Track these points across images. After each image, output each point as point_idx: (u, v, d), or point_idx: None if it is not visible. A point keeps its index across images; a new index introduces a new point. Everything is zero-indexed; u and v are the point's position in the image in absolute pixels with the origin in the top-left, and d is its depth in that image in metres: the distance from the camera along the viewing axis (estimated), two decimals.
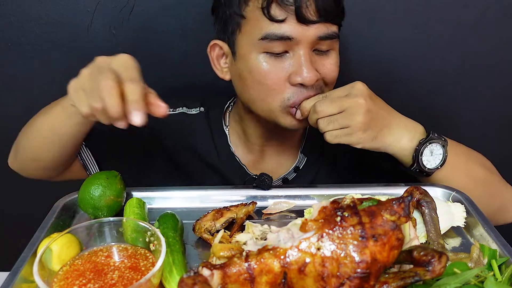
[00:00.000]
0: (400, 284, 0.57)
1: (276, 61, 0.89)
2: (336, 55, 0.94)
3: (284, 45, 0.87)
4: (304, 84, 0.89)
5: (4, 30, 1.24)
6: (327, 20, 0.87)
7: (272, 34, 0.86)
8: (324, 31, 0.88)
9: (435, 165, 0.92)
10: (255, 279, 0.57)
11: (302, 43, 0.87)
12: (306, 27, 0.86)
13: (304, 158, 1.10)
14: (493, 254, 0.72)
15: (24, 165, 1.01)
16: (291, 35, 0.86)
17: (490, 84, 1.37)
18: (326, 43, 0.90)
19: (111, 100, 0.67)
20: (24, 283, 0.67)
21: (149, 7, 1.24)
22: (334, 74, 0.94)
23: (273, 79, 0.89)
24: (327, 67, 0.92)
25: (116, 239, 0.72)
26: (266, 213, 0.89)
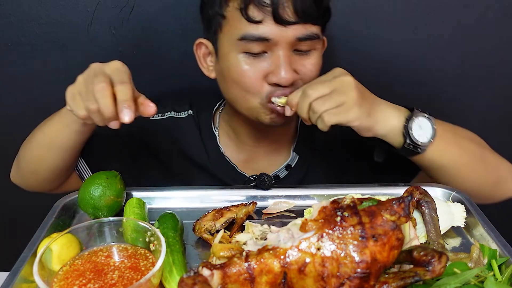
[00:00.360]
0: (400, 284, 0.57)
1: (254, 61, 0.90)
2: (317, 55, 0.94)
3: (262, 45, 0.88)
4: (280, 84, 0.89)
5: (4, 30, 1.24)
6: (306, 21, 0.87)
7: (250, 35, 0.87)
8: (302, 32, 0.88)
9: (426, 138, 0.89)
10: (255, 279, 0.57)
11: (280, 44, 0.88)
12: (283, 28, 0.86)
13: (296, 156, 1.11)
14: (493, 254, 0.72)
15: (24, 178, 1.03)
16: (268, 36, 0.87)
17: (490, 84, 1.37)
18: (306, 44, 0.90)
19: (104, 100, 0.72)
20: (24, 283, 0.67)
21: (149, 7, 1.24)
22: (313, 75, 0.93)
23: (250, 79, 0.90)
24: (307, 68, 0.92)
25: (116, 239, 0.72)
26: (266, 213, 0.89)
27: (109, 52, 1.27)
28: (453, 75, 1.35)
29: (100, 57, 1.27)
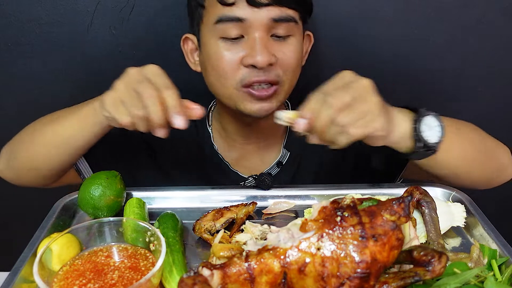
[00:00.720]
0: (400, 284, 0.57)
1: (232, 45, 0.91)
2: (296, 42, 0.94)
3: (238, 27, 0.89)
4: (256, 65, 0.89)
5: (4, 30, 1.24)
6: (280, 3, 0.88)
7: (224, 16, 0.89)
8: (277, 13, 0.89)
9: (438, 137, 0.82)
10: (255, 279, 0.57)
11: (256, 25, 0.89)
12: (257, 9, 0.87)
13: (287, 153, 1.11)
14: (493, 254, 0.72)
15: (19, 174, 0.99)
16: (242, 16, 0.88)
17: (490, 84, 1.37)
18: (282, 27, 0.90)
19: (154, 107, 0.72)
20: (24, 283, 0.67)
21: (149, 7, 1.24)
22: (291, 61, 0.93)
23: (227, 62, 0.91)
24: (285, 54, 0.92)
25: (116, 239, 0.72)
26: (266, 213, 0.89)
27: (109, 52, 1.27)
28: (453, 75, 1.35)
29: (100, 57, 1.28)
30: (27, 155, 0.95)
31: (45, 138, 0.92)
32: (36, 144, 0.93)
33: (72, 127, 0.89)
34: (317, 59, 1.04)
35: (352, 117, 0.71)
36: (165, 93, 0.73)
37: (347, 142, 0.73)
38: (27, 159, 0.95)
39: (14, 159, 0.97)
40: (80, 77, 1.30)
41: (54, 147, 0.91)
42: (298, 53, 0.95)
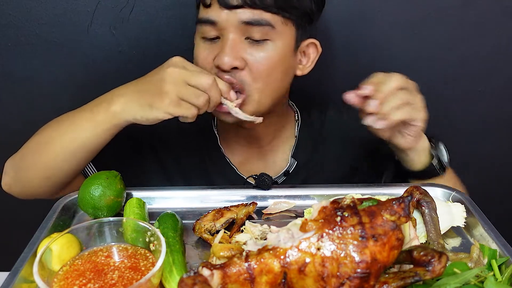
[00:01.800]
0: (400, 284, 0.57)
1: (209, 45, 0.93)
2: (272, 48, 0.90)
3: (213, 29, 0.90)
4: (221, 67, 0.89)
5: (4, 30, 1.24)
6: (253, 6, 0.86)
7: (201, 18, 0.91)
8: (249, 16, 0.87)
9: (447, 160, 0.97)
10: (255, 279, 0.57)
11: (227, 27, 0.88)
12: (228, 11, 0.87)
13: (294, 163, 1.10)
14: (493, 254, 0.72)
15: (29, 185, 0.96)
16: (214, 19, 0.89)
17: (490, 84, 1.37)
18: (257, 31, 0.88)
19: (217, 93, 0.84)
20: (24, 283, 0.67)
21: (149, 7, 1.24)
22: (262, 67, 0.90)
23: (202, 61, 0.93)
24: (256, 58, 0.89)
25: (116, 239, 0.72)
26: (266, 213, 0.89)
27: (109, 52, 1.27)
28: (453, 75, 1.35)
29: (100, 57, 1.28)
30: (41, 165, 0.92)
31: (59, 147, 0.90)
32: (50, 152, 0.91)
33: (86, 133, 0.88)
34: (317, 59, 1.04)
35: (409, 98, 0.83)
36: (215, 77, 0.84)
37: (399, 119, 0.83)
38: (40, 169, 0.93)
39: (26, 170, 0.95)
40: (80, 77, 1.30)
41: (70, 154, 0.90)
42: (273, 60, 0.91)
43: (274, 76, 0.92)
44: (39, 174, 0.93)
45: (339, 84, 1.36)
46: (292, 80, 1.01)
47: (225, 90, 0.85)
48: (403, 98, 0.83)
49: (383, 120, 0.82)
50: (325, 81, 1.32)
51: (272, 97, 0.95)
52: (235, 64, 0.88)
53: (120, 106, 0.85)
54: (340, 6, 1.24)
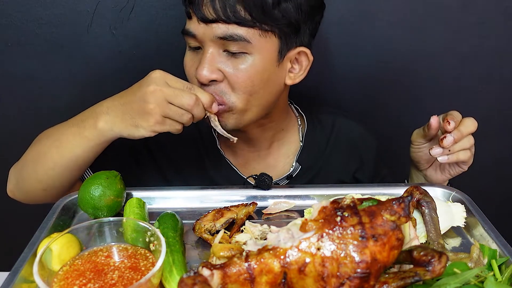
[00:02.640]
0: (400, 284, 0.57)
1: (194, 55, 0.94)
2: (250, 61, 0.89)
3: (194, 41, 0.92)
4: (198, 80, 0.90)
5: (4, 30, 1.24)
6: (228, 21, 0.85)
7: (184, 30, 0.93)
8: (223, 31, 0.86)
9: None
10: (255, 279, 0.57)
11: (204, 40, 0.89)
12: (205, 25, 0.88)
13: (298, 167, 1.11)
14: (493, 254, 0.72)
15: (29, 195, 0.99)
16: (193, 31, 0.90)
17: (490, 84, 1.37)
18: (233, 45, 0.87)
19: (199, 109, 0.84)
20: (24, 283, 0.67)
21: (149, 7, 1.24)
22: (239, 80, 0.89)
23: (188, 70, 0.96)
24: (232, 70, 0.89)
25: (116, 239, 0.72)
26: (266, 213, 0.89)
27: (109, 52, 1.27)
28: (453, 75, 1.35)
29: (100, 57, 1.28)
30: (35, 178, 0.94)
31: (51, 161, 0.91)
32: (44, 167, 0.92)
33: (77, 149, 0.89)
34: (317, 59, 1.04)
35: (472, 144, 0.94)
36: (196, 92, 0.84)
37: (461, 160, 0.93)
38: (35, 181, 0.94)
39: (22, 181, 0.97)
40: (80, 77, 1.30)
41: (63, 168, 0.92)
42: (251, 72, 0.89)
43: (255, 88, 0.91)
44: (36, 186, 0.95)
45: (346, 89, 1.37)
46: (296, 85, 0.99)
47: (207, 103, 0.85)
48: (470, 143, 0.93)
49: (448, 156, 0.92)
50: (324, 78, 1.32)
51: (257, 108, 0.94)
52: (212, 77, 0.89)
53: (106, 124, 0.86)
54: (340, 5, 1.24)
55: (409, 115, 1.38)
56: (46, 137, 0.95)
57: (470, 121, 0.93)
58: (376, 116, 1.39)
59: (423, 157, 1.01)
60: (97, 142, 0.88)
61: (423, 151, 1.00)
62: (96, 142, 0.88)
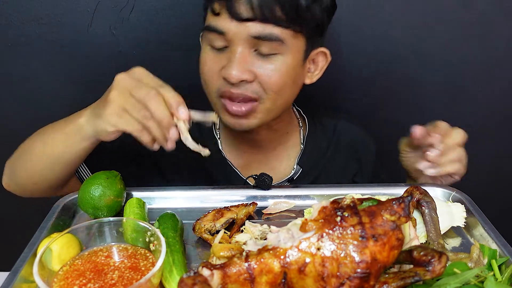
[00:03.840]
0: (400, 284, 0.57)
1: (216, 54, 0.91)
2: (281, 62, 0.89)
3: (221, 39, 0.88)
4: (228, 80, 0.88)
5: (4, 30, 1.24)
6: (264, 19, 0.84)
7: (209, 26, 0.89)
8: (258, 30, 0.85)
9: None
10: (255, 279, 0.57)
11: (236, 39, 0.86)
12: (238, 23, 0.85)
13: (299, 170, 1.10)
14: (493, 254, 0.72)
15: (23, 188, 0.98)
16: (223, 29, 0.87)
17: (490, 84, 1.37)
18: (266, 45, 0.87)
19: (159, 106, 0.73)
20: (24, 283, 0.67)
21: (149, 7, 1.24)
22: (273, 80, 0.89)
23: (208, 69, 0.92)
24: (265, 72, 0.88)
25: (116, 239, 0.72)
26: (266, 213, 0.89)
27: (109, 52, 1.27)
28: (453, 75, 1.35)
29: (100, 57, 1.28)
30: (25, 172, 0.94)
31: (37, 156, 0.90)
32: (31, 161, 0.92)
33: (59, 145, 0.87)
34: None
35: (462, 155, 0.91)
36: (163, 90, 0.74)
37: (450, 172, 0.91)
38: (25, 175, 0.94)
39: (15, 174, 0.97)
40: (80, 77, 1.30)
41: (47, 164, 0.90)
42: (282, 73, 0.90)
43: (284, 87, 0.92)
44: (26, 180, 0.94)
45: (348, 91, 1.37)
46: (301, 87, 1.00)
47: (173, 104, 0.74)
48: (459, 155, 0.90)
49: (436, 169, 0.90)
50: (333, 87, 1.32)
51: (282, 106, 0.96)
52: (243, 77, 0.87)
53: (84, 118, 0.83)
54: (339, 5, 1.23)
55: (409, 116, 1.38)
56: (37, 133, 0.94)
57: (457, 133, 0.91)
58: (375, 117, 1.39)
59: (412, 166, 0.99)
60: (77, 138, 0.84)
61: (410, 160, 0.99)
62: (77, 138, 0.84)
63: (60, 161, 0.89)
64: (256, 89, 0.90)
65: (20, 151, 0.96)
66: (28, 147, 0.94)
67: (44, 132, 0.92)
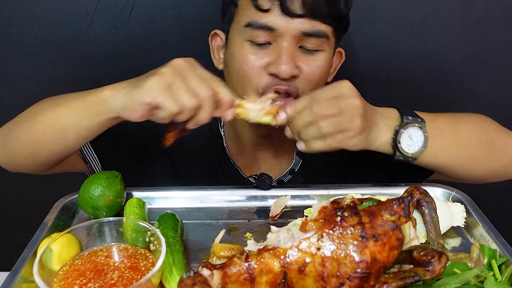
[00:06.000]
0: (400, 284, 0.57)
1: (258, 50, 0.90)
2: (324, 58, 0.92)
3: (266, 35, 0.88)
4: (279, 75, 0.88)
5: (4, 30, 1.24)
6: (314, 16, 0.87)
7: (256, 22, 0.88)
8: (308, 27, 0.87)
9: (417, 148, 0.86)
10: (255, 279, 0.57)
11: (285, 35, 0.87)
12: (289, 19, 0.86)
13: (299, 161, 1.10)
14: (493, 254, 0.72)
15: (14, 159, 0.92)
16: (273, 25, 0.87)
17: (490, 84, 1.37)
18: (312, 41, 0.89)
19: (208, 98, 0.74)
20: (24, 283, 0.67)
21: (149, 7, 1.24)
22: (315, 77, 0.91)
23: (251, 66, 0.90)
24: (310, 67, 0.90)
25: (116, 239, 0.72)
26: (272, 216, 0.88)
27: (109, 52, 1.27)
28: (453, 75, 1.35)
29: (100, 57, 1.28)
30: (25, 140, 0.88)
31: (45, 124, 0.86)
32: (35, 128, 0.86)
33: (76, 115, 0.83)
34: None
35: (332, 128, 0.79)
36: (216, 86, 0.76)
37: (320, 149, 0.81)
38: (24, 144, 0.88)
39: (10, 143, 0.91)
40: (80, 77, 1.30)
41: (55, 134, 0.85)
42: (324, 69, 0.93)
43: (322, 83, 0.94)
44: (23, 149, 0.89)
45: None
46: None
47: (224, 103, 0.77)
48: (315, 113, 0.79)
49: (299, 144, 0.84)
50: None
51: None
52: (294, 72, 0.88)
53: (109, 91, 0.80)
54: None
55: None
56: (45, 101, 0.90)
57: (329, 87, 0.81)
58: None
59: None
60: (96, 110, 0.81)
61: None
62: (96, 110, 0.81)
63: (70, 132, 0.84)
64: (299, 85, 0.91)
65: (23, 118, 0.91)
66: (35, 113, 0.89)
67: (59, 101, 0.87)
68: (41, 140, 0.87)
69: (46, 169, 0.95)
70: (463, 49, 1.31)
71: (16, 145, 0.90)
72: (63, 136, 0.85)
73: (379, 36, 1.29)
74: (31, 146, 0.88)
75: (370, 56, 1.31)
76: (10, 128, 0.92)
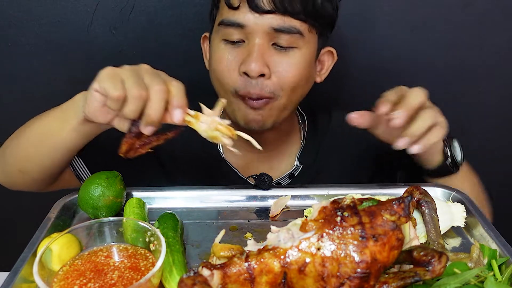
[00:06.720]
0: (400, 284, 0.57)
1: (232, 49, 0.90)
2: (299, 56, 0.90)
3: (238, 32, 0.88)
4: (249, 74, 0.87)
5: (4, 30, 1.24)
6: (284, 12, 0.85)
7: (227, 20, 0.88)
8: (279, 22, 0.86)
9: (461, 157, 0.93)
10: (255, 279, 0.57)
11: (256, 32, 0.86)
12: (258, 16, 0.85)
13: (300, 166, 1.10)
14: (493, 254, 0.72)
15: (11, 177, 0.95)
16: (242, 22, 0.86)
17: (490, 84, 1.37)
18: (285, 38, 0.87)
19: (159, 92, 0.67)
20: (24, 283, 0.67)
21: (149, 7, 1.24)
22: (289, 75, 0.89)
23: (225, 65, 0.90)
24: (282, 65, 0.88)
25: (116, 239, 0.72)
26: (272, 216, 0.88)
27: (109, 52, 1.27)
28: (453, 75, 1.35)
29: (100, 57, 1.28)
30: (15, 158, 0.91)
31: (28, 138, 0.88)
32: (21, 144, 0.89)
33: (52, 123, 0.84)
34: None
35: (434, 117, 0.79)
36: (172, 84, 0.70)
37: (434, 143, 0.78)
38: (14, 161, 0.91)
39: (4, 162, 0.94)
40: (80, 77, 1.30)
41: (38, 147, 0.87)
42: (300, 67, 0.90)
43: (299, 82, 0.92)
44: (15, 166, 0.91)
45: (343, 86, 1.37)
46: None
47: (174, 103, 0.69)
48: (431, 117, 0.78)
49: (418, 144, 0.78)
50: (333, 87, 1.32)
51: (295, 104, 0.96)
52: (264, 71, 0.87)
53: (81, 94, 0.80)
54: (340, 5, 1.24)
55: None
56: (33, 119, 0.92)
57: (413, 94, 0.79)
58: None
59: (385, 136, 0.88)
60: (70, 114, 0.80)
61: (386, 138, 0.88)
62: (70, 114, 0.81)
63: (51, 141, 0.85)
64: (272, 88, 0.89)
65: (13, 137, 0.94)
66: (21, 130, 0.91)
67: (44, 112, 0.89)
68: (28, 156, 0.88)
69: (42, 186, 0.96)
70: (462, 50, 1.31)
71: (9, 164, 0.92)
72: (45, 147, 0.86)
73: (378, 36, 1.29)
74: (21, 163, 0.89)
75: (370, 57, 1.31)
76: (4, 148, 0.94)
